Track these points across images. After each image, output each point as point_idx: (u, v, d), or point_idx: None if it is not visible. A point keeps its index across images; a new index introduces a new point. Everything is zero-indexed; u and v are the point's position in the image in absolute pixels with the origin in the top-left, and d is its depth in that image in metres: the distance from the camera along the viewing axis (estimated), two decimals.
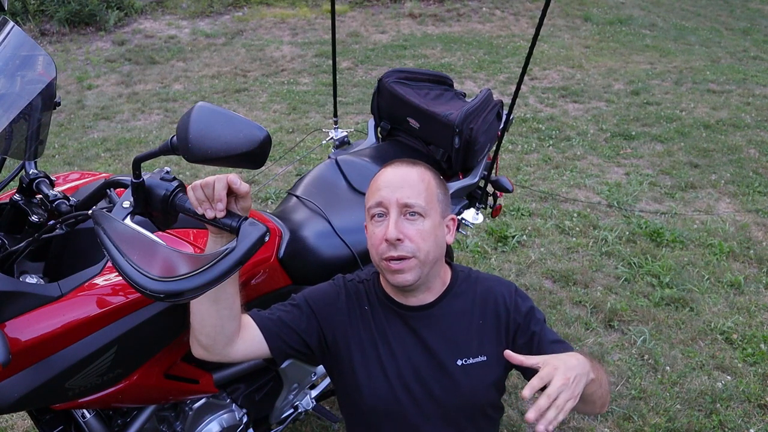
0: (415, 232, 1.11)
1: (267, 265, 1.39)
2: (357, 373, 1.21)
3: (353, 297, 1.25)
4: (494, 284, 1.25)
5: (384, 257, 1.12)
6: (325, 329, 1.22)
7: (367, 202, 1.19)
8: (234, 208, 0.97)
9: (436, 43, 7.11)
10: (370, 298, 1.25)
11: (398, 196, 1.11)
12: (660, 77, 6.01)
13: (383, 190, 1.14)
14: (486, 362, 1.19)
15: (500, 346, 1.19)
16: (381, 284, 1.25)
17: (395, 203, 1.11)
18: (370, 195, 1.18)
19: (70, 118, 5.00)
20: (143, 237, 0.90)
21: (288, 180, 3.83)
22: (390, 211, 1.12)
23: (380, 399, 1.20)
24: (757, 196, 3.72)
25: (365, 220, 1.22)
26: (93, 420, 1.27)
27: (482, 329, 1.21)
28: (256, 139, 0.92)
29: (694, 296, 2.77)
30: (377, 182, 1.17)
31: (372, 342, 1.21)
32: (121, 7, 7.36)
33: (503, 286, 1.25)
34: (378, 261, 1.15)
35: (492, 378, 1.20)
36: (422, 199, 1.13)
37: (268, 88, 5.63)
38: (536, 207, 3.56)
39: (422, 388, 1.19)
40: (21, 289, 1.00)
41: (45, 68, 1.19)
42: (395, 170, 1.17)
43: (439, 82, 2.09)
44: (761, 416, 2.17)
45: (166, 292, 0.83)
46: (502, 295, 1.22)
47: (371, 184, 1.19)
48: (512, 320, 1.20)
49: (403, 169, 1.16)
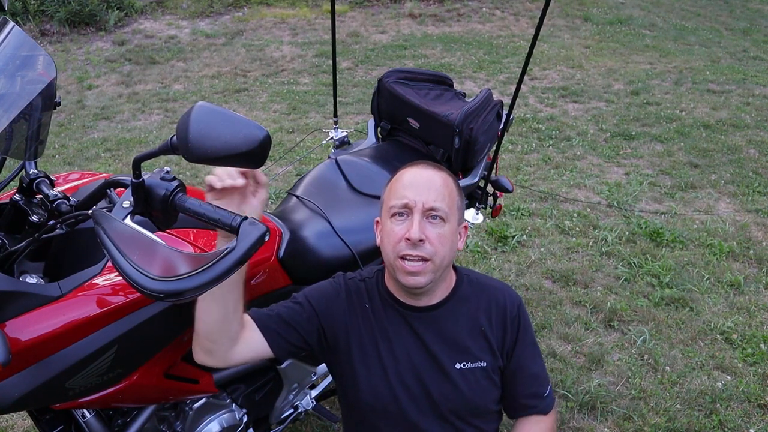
0: (435, 235, 1.13)
1: (267, 265, 1.39)
2: (356, 370, 1.21)
3: (353, 295, 1.25)
4: (500, 294, 1.26)
5: (401, 254, 1.12)
6: (326, 326, 1.22)
7: (388, 199, 1.18)
8: (251, 201, 1.03)
9: (436, 43, 7.11)
10: (372, 296, 1.25)
11: (425, 198, 1.13)
12: (660, 77, 6.01)
13: (409, 190, 1.14)
14: (485, 368, 1.21)
15: (497, 355, 1.22)
16: (385, 282, 1.26)
17: (421, 205, 1.12)
18: (392, 193, 1.17)
19: (70, 118, 5.00)
20: (143, 237, 0.90)
21: (288, 180, 3.83)
22: (414, 212, 1.13)
23: (378, 396, 1.20)
24: (757, 196, 3.72)
25: (380, 216, 1.22)
26: (93, 420, 1.27)
27: (485, 336, 1.22)
28: (256, 138, 0.92)
29: (694, 296, 2.78)
30: (402, 181, 1.17)
31: (372, 339, 1.22)
32: (121, 7, 7.36)
33: (509, 298, 1.27)
34: (393, 259, 1.14)
35: (490, 384, 1.21)
36: (446, 204, 1.14)
37: (268, 88, 5.63)
38: (536, 207, 3.56)
39: (420, 387, 1.20)
40: (21, 289, 1.00)
41: (45, 68, 1.19)
42: (421, 172, 1.17)
43: (439, 82, 2.09)
44: (761, 416, 2.17)
45: (166, 291, 0.83)
46: (511, 306, 1.25)
47: (394, 182, 1.19)
48: (510, 337, 1.24)
49: (429, 172, 1.17)
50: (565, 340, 2.53)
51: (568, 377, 2.32)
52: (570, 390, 2.26)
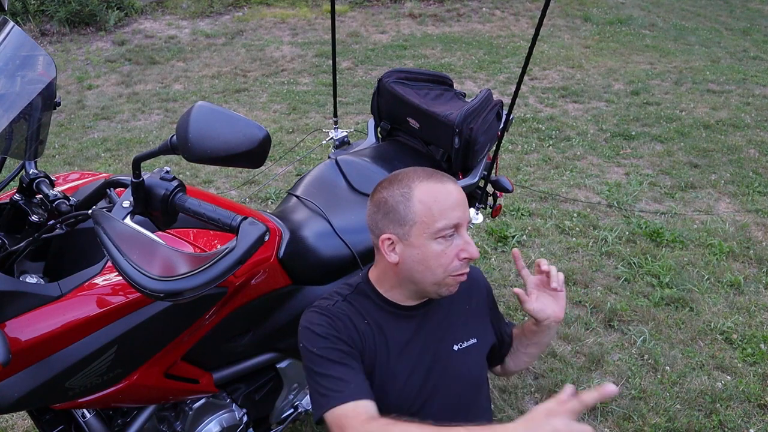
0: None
1: (267, 264, 1.39)
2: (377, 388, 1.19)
3: (345, 318, 1.19)
4: (475, 275, 1.35)
5: (455, 273, 1.15)
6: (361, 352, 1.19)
7: (431, 221, 1.12)
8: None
9: (436, 43, 7.11)
10: (367, 311, 1.22)
11: (464, 216, 1.16)
12: (660, 77, 6.01)
13: (456, 210, 1.14)
14: (477, 343, 1.29)
15: (484, 322, 1.33)
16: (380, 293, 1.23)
17: (465, 223, 1.15)
18: (438, 214, 1.12)
19: (70, 118, 5.00)
20: (143, 237, 0.90)
21: (288, 180, 3.83)
22: (461, 231, 1.15)
23: (397, 404, 1.19)
24: (757, 196, 3.72)
25: (407, 236, 1.14)
26: (93, 420, 1.27)
27: (470, 313, 1.31)
28: (256, 138, 0.92)
29: (694, 296, 2.78)
30: (446, 202, 1.13)
31: (384, 353, 1.21)
32: (121, 7, 7.36)
33: (479, 275, 1.38)
34: (443, 278, 1.15)
35: (483, 355, 1.31)
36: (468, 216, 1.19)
37: (268, 88, 5.63)
38: (536, 207, 3.56)
39: (430, 379, 1.22)
40: (21, 289, 1.00)
41: (45, 68, 1.19)
42: (448, 187, 1.16)
43: (439, 82, 2.09)
44: (761, 416, 2.17)
45: (165, 291, 0.83)
46: (484, 282, 1.38)
47: (431, 203, 1.13)
48: (490, 301, 1.37)
49: (451, 186, 1.17)
50: (565, 340, 2.53)
51: (568, 377, 2.32)
52: None
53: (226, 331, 1.36)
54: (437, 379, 1.22)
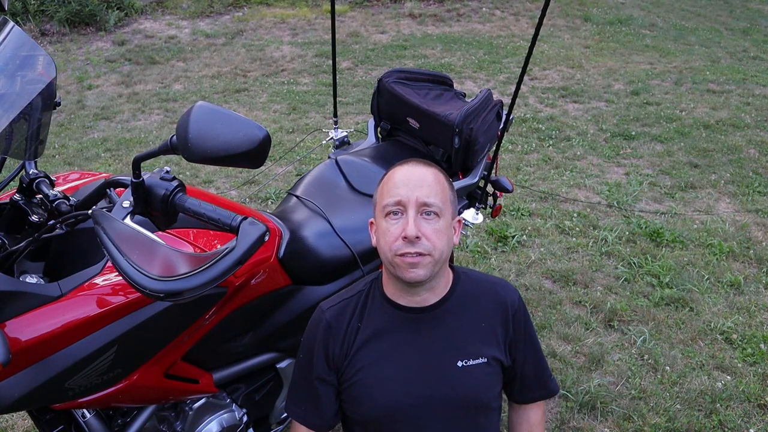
0: (431, 230, 1.12)
1: (267, 264, 1.39)
2: (366, 390, 1.20)
3: (337, 322, 1.24)
4: (499, 289, 1.27)
5: (398, 253, 1.12)
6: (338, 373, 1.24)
7: (381, 199, 1.18)
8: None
9: (436, 43, 7.11)
10: (366, 310, 1.24)
11: (417, 194, 1.12)
12: (660, 77, 6.01)
13: (401, 188, 1.14)
14: (486, 363, 1.21)
15: (499, 349, 1.23)
16: (383, 288, 1.24)
17: (414, 202, 1.12)
18: (385, 192, 1.16)
19: (70, 118, 5.00)
20: (143, 237, 0.90)
21: (288, 180, 3.84)
22: (408, 210, 1.13)
23: (388, 408, 1.19)
24: (757, 196, 3.72)
25: (374, 216, 1.22)
26: (93, 420, 1.27)
27: (484, 331, 1.22)
28: (256, 138, 0.92)
29: (694, 296, 2.78)
30: (393, 180, 1.16)
31: (373, 355, 1.21)
32: (121, 7, 7.36)
33: (509, 292, 1.27)
34: (391, 258, 1.14)
35: (491, 379, 1.22)
36: (439, 199, 1.14)
37: (268, 88, 5.63)
38: (536, 207, 3.56)
39: (426, 390, 1.19)
40: (21, 289, 1.00)
41: (45, 68, 1.19)
42: (412, 169, 1.17)
43: (439, 82, 2.09)
44: (761, 416, 2.17)
45: (165, 291, 0.83)
46: (513, 301, 1.27)
47: (385, 182, 1.18)
48: (513, 330, 1.25)
49: (420, 169, 1.17)
50: (565, 340, 2.53)
51: (568, 377, 2.32)
52: (570, 390, 2.26)
53: (226, 331, 1.36)
54: (433, 392, 1.18)
